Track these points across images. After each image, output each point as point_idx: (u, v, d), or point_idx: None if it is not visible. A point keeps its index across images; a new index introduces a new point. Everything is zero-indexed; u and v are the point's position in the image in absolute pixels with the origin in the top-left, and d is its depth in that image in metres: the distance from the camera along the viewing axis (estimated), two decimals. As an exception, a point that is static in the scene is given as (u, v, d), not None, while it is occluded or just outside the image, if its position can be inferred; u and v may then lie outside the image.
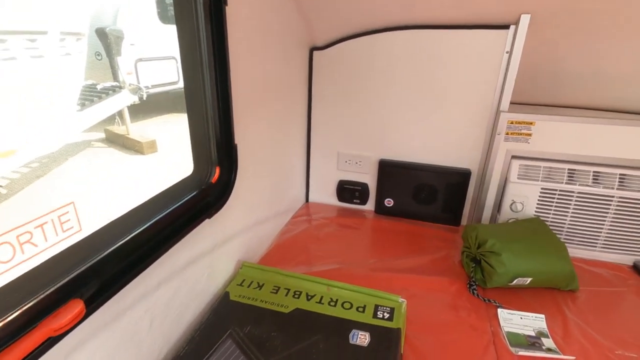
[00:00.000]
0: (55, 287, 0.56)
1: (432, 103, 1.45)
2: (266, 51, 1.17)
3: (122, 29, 4.63)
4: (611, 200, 1.30)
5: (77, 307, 0.55)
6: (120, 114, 4.76)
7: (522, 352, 0.95)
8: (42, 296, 0.54)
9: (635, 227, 1.30)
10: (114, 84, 4.49)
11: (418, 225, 1.61)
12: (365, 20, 1.38)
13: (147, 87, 5.06)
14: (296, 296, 1.03)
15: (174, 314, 0.89)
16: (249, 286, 1.07)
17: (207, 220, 0.90)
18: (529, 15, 1.20)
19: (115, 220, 0.70)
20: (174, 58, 5.75)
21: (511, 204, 1.40)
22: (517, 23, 1.23)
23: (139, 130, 5.01)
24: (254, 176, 1.20)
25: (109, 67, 4.55)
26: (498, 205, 1.45)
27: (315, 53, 1.53)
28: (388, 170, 1.61)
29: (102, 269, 0.65)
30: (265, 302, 1.01)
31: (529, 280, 1.13)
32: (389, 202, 1.66)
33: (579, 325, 1.05)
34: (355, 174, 1.70)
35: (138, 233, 0.72)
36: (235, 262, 1.17)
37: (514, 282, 1.14)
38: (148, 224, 0.75)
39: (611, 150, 1.28)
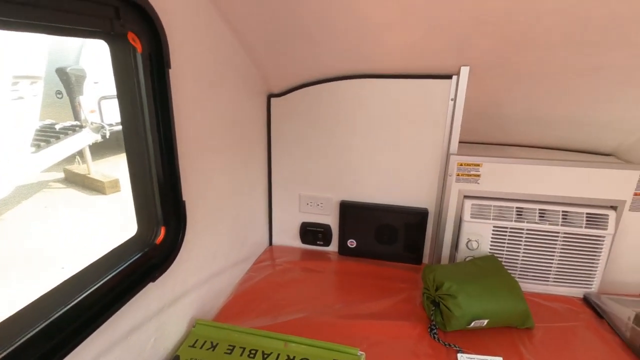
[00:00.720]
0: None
1: (389, 146, 1.50)
2: (219, 101, 1.18)
3: (84, 68, 4.56)
4: (557, 236, 1.36)
5: None
6: (81, 153, 4.59)
7: None
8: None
9: (581, 261, 1.36)
10: (75, 123, 4.35)
11: (382, 266, 1.61)
12: (319, 70, 1.44)
13: (110, 125, 4.95)
14: (251, 355, 0.99)
15: None
16: (202, 347, 1.02)
17: (151, 284, 0.85)
18: (468, 67, 1.30)
19: (43, 295, 0.65)
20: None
21: (467, 242, 1.44)
22: (458, 74, 1.32)
23: (101, 169, 4.83)
24: (209, 229, 1.17)
25: (70, 106, 4.43)
26: (455, 244, 1.49)
27: (272, 100, 1.56)
28: (349, 212, 1.63)
29: (25, 351, 0.59)
30: None
31: (485, 321, 1.15)
32: (351, 243, 1.67)
33: None
34: (318, 216, 1.70)
35: (71, 307, 0.67)
36: (188, 320, 1.11)
37: (472, 324, 1.14)
38: (83, 295, 0.70)
39: (553, 189, 1.36)
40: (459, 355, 1.09)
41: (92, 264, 0.75)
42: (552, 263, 1.39)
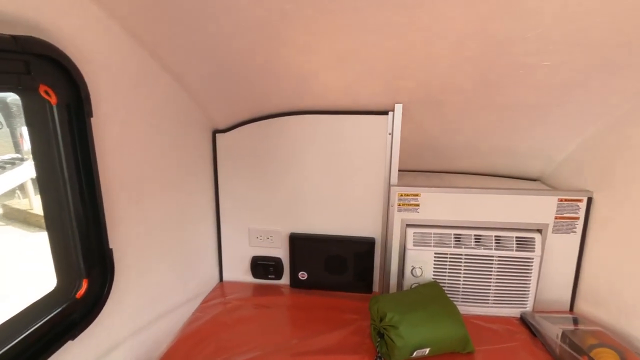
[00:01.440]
0: None
1: (334, 178, 1.54)
2: (159, 141, 1.17)
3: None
4: (492, 260, 1.44)
5: None
6: (22, 187, 4.28)
7: None
8: None
9: (515, 282, 1.45)
10: (15, 155, 4.07)
11: (333, 297, 1.61)
12: (261, 108, 1.47)
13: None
14: None
15: None
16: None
17: (70, 342, 0.80)
18: (401, 104, 1.38)
19: None
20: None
21: (412, 270, 1.48)
22: (393, 110, 1.41)
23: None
24: (145, 274, 1.12)
25: (10, 138, 4.15)
26: (402, 271, 1.53)
27: (218, 135, 1.57)
28: (299, 244, 1.63)
29: None
30: None
31: (427, 350, 1.17)
32: (302, 275, 1.66)
33: None
34: (268, 249, 1.69)
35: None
36: None
37: (415, 354, 1.17)
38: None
39: (486, 215, 1.45)
40: None
41: (6, 322, 0.70)
42: (490, 285, 1.46)
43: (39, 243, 3.92)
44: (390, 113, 1.42)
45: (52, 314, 0.76)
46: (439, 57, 1.08)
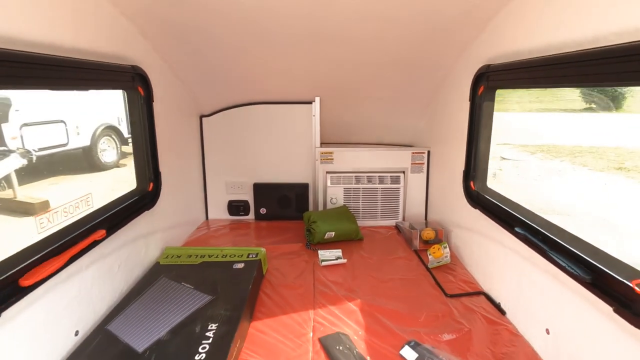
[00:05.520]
0: (92, 224, 1.26)
1: (281, 145, 2.43)
2: (172, 120, 1.99)
3: (9, 97, 4.77)
4: (377, 190, 2.41)
5: (101, 233, 1.25)
6: (6, 178, 4.71)
7: (325, 264, 1.87)
8: (88, 226, 1.24)
9: (392, 204, 2.43)
10: (2, 148, 4.52)
11: (284, 222, 2.50)
12: (233, 100, 2.33)
13: (34, 150, 5.13)
14: (202, 257, 1.79)
15: (125, 269, 1.55)
16: (171, 257, 1.78)
17: (145, 212, 1.62)
18: (319, 97, 2.30)
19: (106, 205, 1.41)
20: (62, 122, 5.91)
21: (330, 199, 2.41)
22: (314, 101, 2.32)
23: (29, 192, 4.97)
24: (170, 193, 1.94)
25: (-5, 133, 4.57)
26: (325, 201, 2.46)
27: (203, 119, 2.40)
28: (259, 189, 2.50)
29: (108, 220, 1.34)
30: (183, 262, 1.73)
31: (333, 234, 2.10)
32: (262, 211, 2.54)
33: (360, 253, 2.04)
34: (239, 195, 2.54)
35: (115, 211, 1.43)
36: (161, 248, 1.86)
37: (326, 236, 2.09)
38: (116, 210, 1.46)
39: (372, 164, 2.41)
40: (320, 252, 2.02)
41: (119, 198, 1.51)
42: (377, 206, 2.43)
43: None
44: (313, 103, 2.34)
45: (136, 197, 1.58)
46: (337, 69, 2.01)
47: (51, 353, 1.12)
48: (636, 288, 0.82)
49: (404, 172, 2.43)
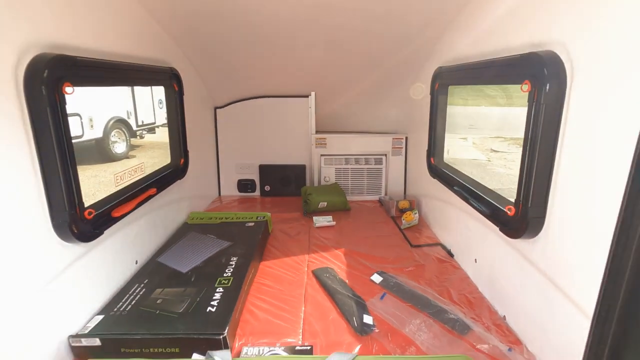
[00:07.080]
0: (147, 183, 1.74)
1: (283, 132, 2.90)
2: (194, 110, 2.45)
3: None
4: (364, 170, 2.87)
5: (153, 190, 1.72)
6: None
7: (318, 225, 2.35)
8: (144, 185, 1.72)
9: (375, 182, 2.89)
10: None
11: (285, 197, 2.97)
12: (243, 94, 2.79)
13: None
14: (220, 218, 2.26)
15: (164, 224, 2.02)
16: (196, 219, 2.26)
17: (178, 181, 2.09)
18: (314, 92, 2.76)
19: (151, 173, 1.88)
20: (78, 114, 6.37)
21: (324, 178, 2.88)
22: (310, 95, 2.78)
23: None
24: (193, 171, 2.41)
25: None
26: (319, 180, 2.92)
27: (217, 110, 2.86)
28: (265, 170, 2.97)
29: (157, 182, 1.81)
30: (206, 222, 2.21)
31: (325, 204, 2.57)
32: (267, 188, 3.01)
33: (347, 220, 2.51)
34: (247, 174, 3.01)
35: (161, 176, 1.91)
36: (187, 213, 2.33)
37: (319, 205, 2.56)
38: (161, 175, 1.93)
39: (359, 148, 2.87)
40: (314, 218, 2.48)
41: (160, 168, 1.98)
42: (363, 184, 2.90)
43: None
44: (309, 97, 2.80)
45: (170, 170, 2.05)
46: (329, 68, 2.47)
47: (123, 273, 1.59)
48: (507, 212, 1.28)
49: (386, 155, 2.90)
